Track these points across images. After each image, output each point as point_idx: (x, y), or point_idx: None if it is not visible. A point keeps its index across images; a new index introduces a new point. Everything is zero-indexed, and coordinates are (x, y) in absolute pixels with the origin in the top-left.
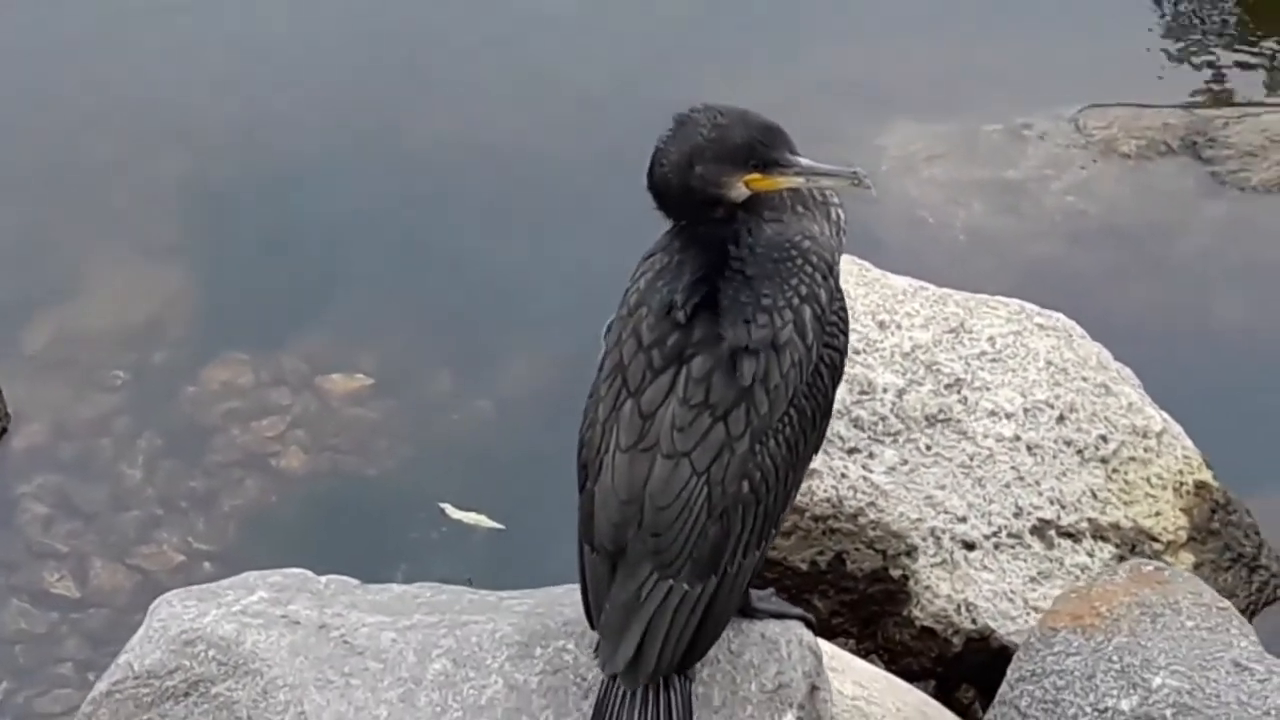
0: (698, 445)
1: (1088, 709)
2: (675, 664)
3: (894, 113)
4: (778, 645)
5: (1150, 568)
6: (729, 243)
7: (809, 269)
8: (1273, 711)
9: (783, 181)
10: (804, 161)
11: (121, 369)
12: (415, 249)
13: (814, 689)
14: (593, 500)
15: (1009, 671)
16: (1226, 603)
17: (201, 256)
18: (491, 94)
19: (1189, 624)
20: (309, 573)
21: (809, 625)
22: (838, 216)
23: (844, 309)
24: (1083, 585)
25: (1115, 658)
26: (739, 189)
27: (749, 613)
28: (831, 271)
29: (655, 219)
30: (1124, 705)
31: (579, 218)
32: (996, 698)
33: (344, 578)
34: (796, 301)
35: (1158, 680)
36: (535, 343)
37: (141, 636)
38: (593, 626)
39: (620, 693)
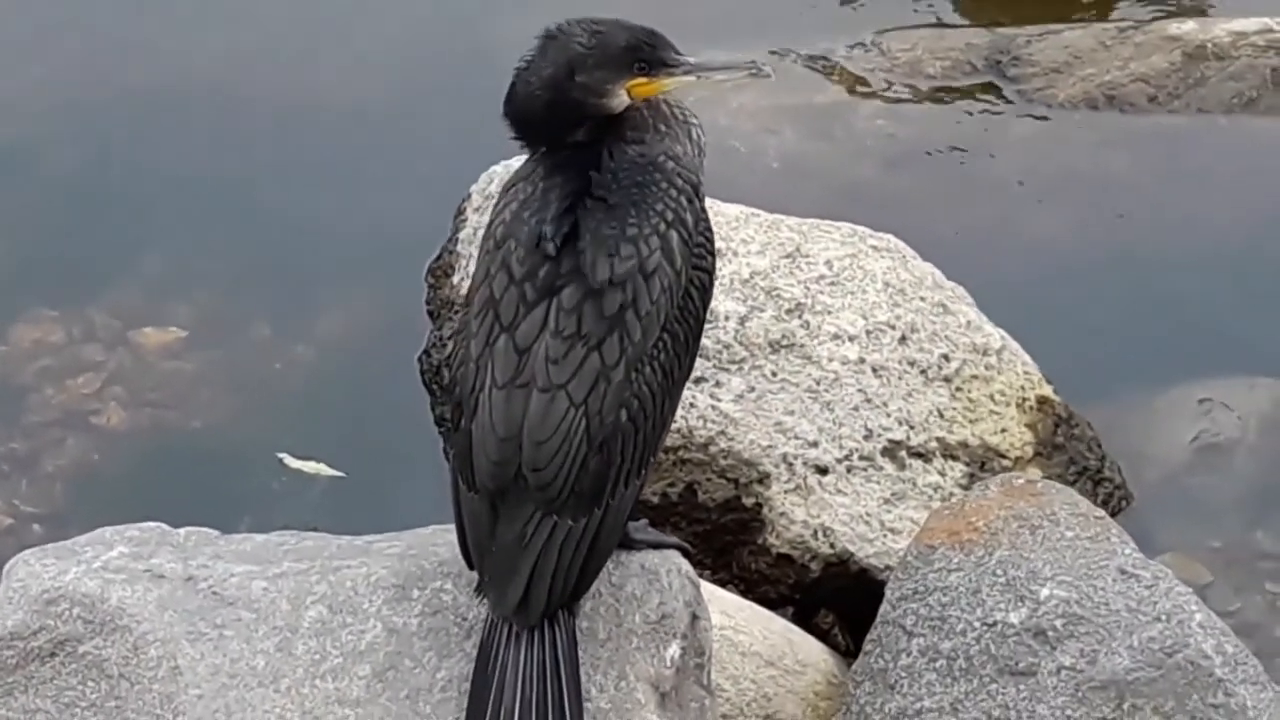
0: (573, 377)
1: (976, 623)
2: (564, 601)
3: (696, 45)
4: (658, 576)
5: (1021, 480)
6: (592, 168)
7: (674, 192)
8: (1163, 616)
9: (669, 83)
10: (691, 60)
11: None
12: (221, 201)
13: (695, 618)
14: (469, 439)
15: (888, 591)
16: (1102, 512)
17: (2, 215)
18: (298, 41)
19: (1069, 534)
20: (165, 525)
21: (686, 554)
22: (698, 136)
23: (709, 229)
24: (955, 501)
25: (999, 571)
26: (620, 97)
27: (628, 544)
28: (697, 193)
29: (465, 165)
30: (1013, 618)
31: (386, 164)
32: (879, 617)
33: (204, 529)
34: (663, 226)
35: (1045, 591)
36: (349, 289)
37: (1, 598)
38: (471, 567)
39: (506, 631)
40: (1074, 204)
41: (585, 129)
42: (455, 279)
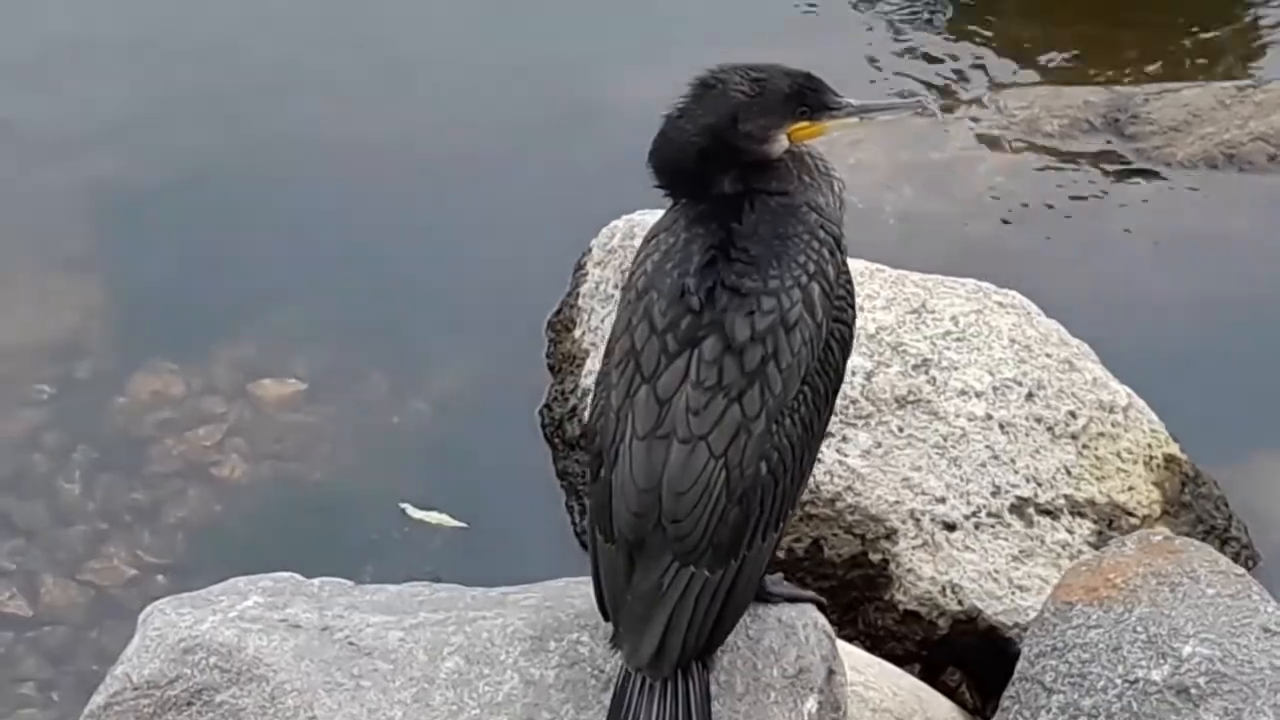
0: (714, 428)
1: (1117, 680)
2: (698, 653)
3: None
4: (795, 629)
5: (1159, 538)
6: (734, 219)
7: (816, 243)
8: None
9: (832, 125)
10: (854, 102)
11: (46, 383)
12: (340, 255)
13: (831, 673)
14: (609, 489)
15: (1025, 647)
16: (1242, 570)
17: (119, 266)
18: (404, 98)
19: (1210, 591)
20: (299, 575)
21: (821, 608)
22: (839, 188)
23: (850, 281)
24: (1091, 558)
25: (1140, 628)
26: (781, 142)
27: (764, 597)
28: (839, 245)
29: (584, 220)
30: (1155, 675)
31: (504, 218)
32: (1016, 674)
33: (338, 579)
34: (805, 278)
35: (1188, 649)
36: (468, 343)
37: (137, 646)
38: (606, 618)
39: (639, 684)
40: (1195, 263)
41: (732, 178)
42: (576, 333)
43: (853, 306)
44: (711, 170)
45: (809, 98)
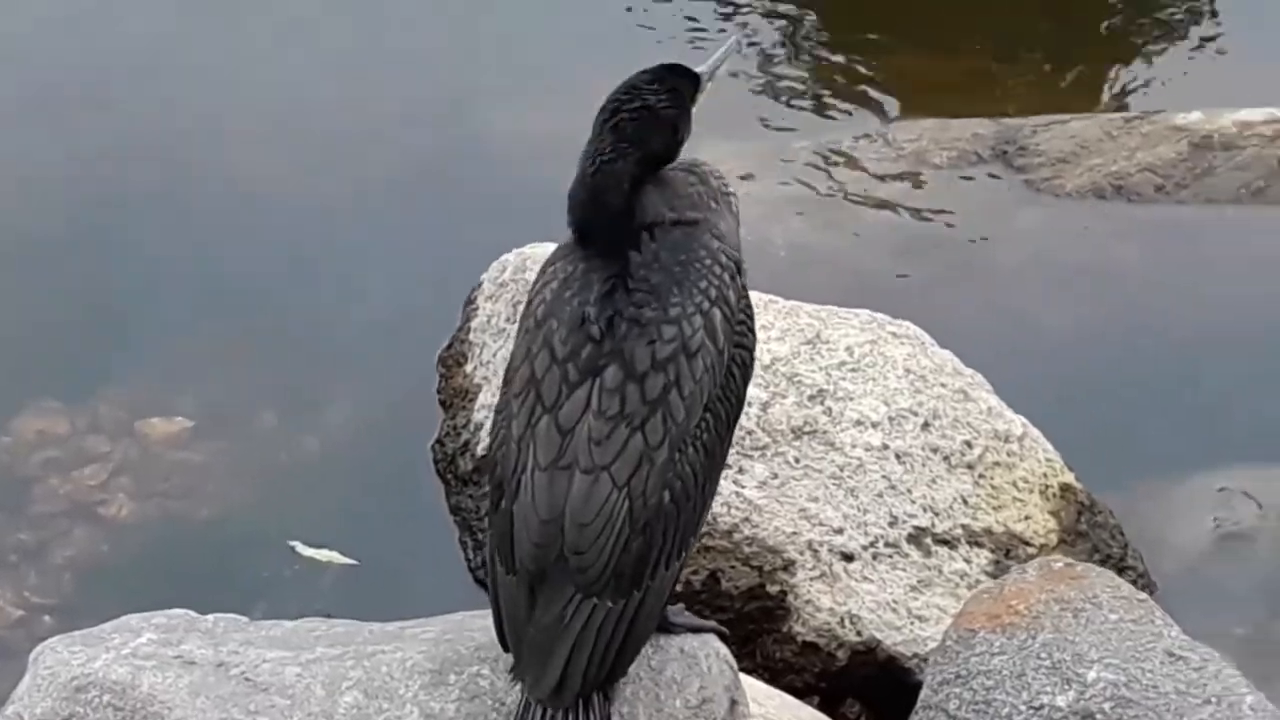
0: (617, 458)
1: (1022, 707)
2: (599, 683)
3: (700, 133)
4: (697, 660)
5: (1060, 564)
6: (633, 246)
7: (717, 269)
8: (1212, 699)
9: (702, 98)
10: (704, 69)
11: None
12: (226, 293)
13: (734, 703)
14: (510, 521)
15: (928, 676)
16: (1145, 595)
17: (2, 306)
18: (290, 136)
19: (1113, 617)
20: (192, 612)
21: (724, 639)
22: (737, 208)
23: (750, 307)
24: (993, 585)
25: (1044, 654)
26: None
27: (666, 628)
28: (739, 269)
29: (473, 254)
30: (1060, 701)
31: (392, 255)
32: (920, 702)
33: (232, 615)
34: (706, 304)
35: (1092, 674)
36: (358, 379)
37: (29, 686)
38: (506, 650)
39: (540, 715)
40: (1085, 293)
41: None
42: (468, 367)
43: (753, 332)
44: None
45: (694, 82)
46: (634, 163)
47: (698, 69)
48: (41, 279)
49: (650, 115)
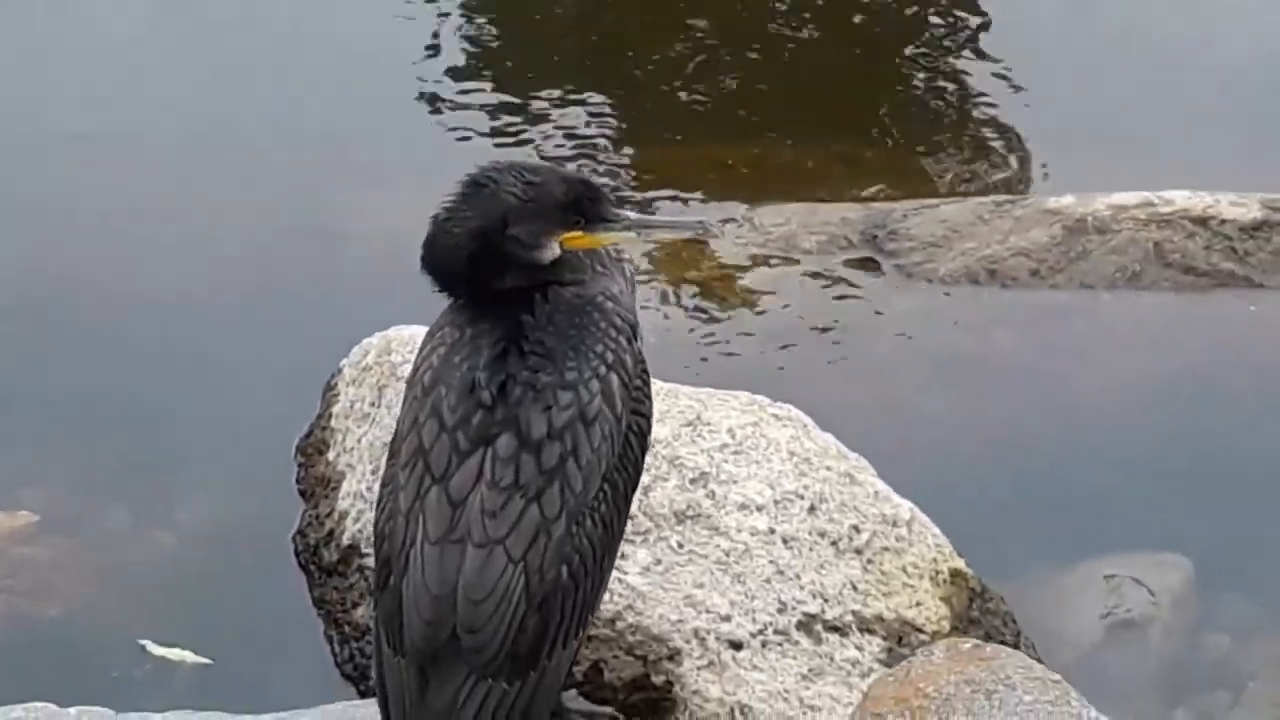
0: (512, 530)
1: None
2: None
3: None
4: None
5: (969, 645)
6: (525, 310)
7: (613, 332)
8: None
9: (606, 238)
10: (633, 215)
11: None
12: (74, 390)
13: None
14: (399, 599)
15: None
16: (1058, 675)
17: None
18: (142, 230)
19: (1027, 698)
20: (53, 705)
21: None
22: (630, 273)
23: (646, 371)
24: (899, 669)
25: None
26: (553, 249)
27: (559, 714)
28: (635, 333)
29: (326, 343)
30: None
31: (241, 349)
32: None
33: (98, 708)
34: (603, 369)
35: None
36: (211, 474)
37: None
38: None
39: None
40: (962, 379)
41: (512, 274)
42: (330, 454)
43: (650, 398)
44: (484, 272)
45: (585, 206)
46: (468, 230)
47: (626, 212)
48: None
49: (490, 193)
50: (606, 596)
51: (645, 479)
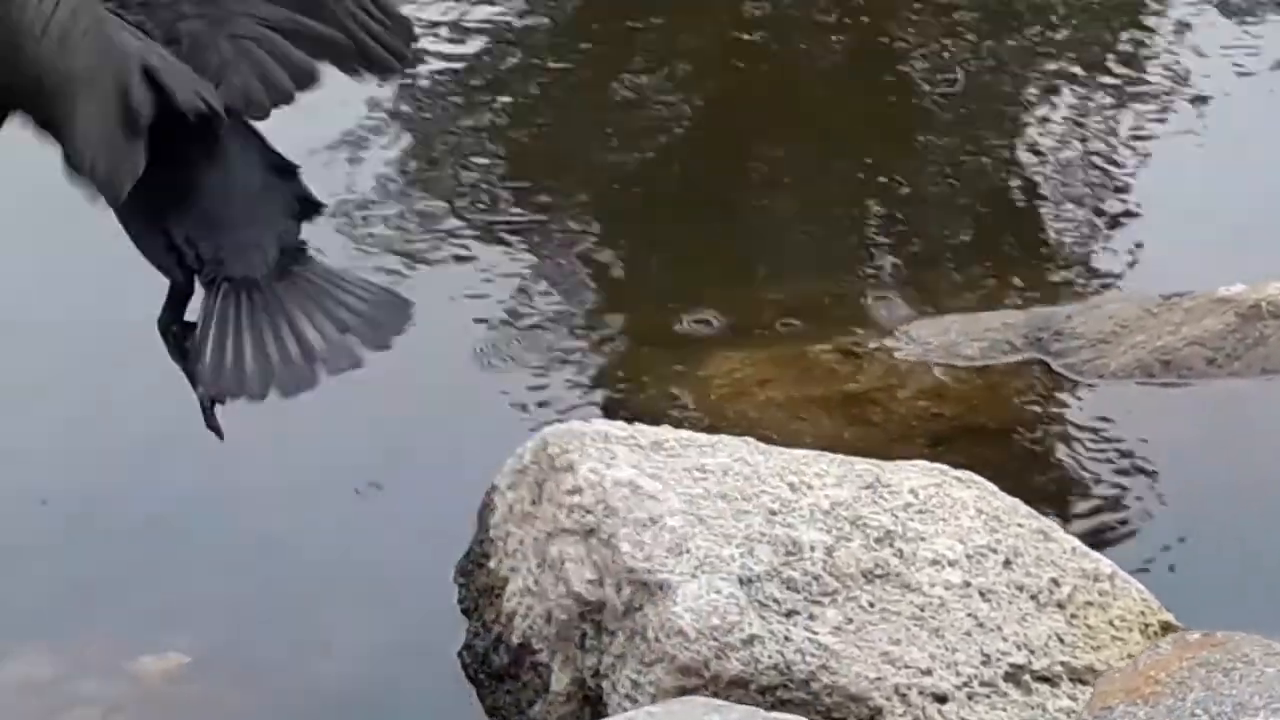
0: None
1: None
2: None
3: (709, 347)
4: None
5: (1197, 635)
6: None
7: None
8: None
9: None
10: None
11: None
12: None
13: None
14: None
15: None
16: None
17: None
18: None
19: (1270, 671)
20: None
21: None
22: None
23: None
24: (1124, 664)
25: (1198, 711)
26: None
27: None
28: None
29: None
30: None
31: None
32: None
33: None
34: None
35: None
36: (362, 606)
37: None
38: None
39: None
40: (1145, 471)
41: None
42: (492, 563)
43: None
44: None
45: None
46: None
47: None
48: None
49: None
50: (799, 656)
51: (828, 539)
